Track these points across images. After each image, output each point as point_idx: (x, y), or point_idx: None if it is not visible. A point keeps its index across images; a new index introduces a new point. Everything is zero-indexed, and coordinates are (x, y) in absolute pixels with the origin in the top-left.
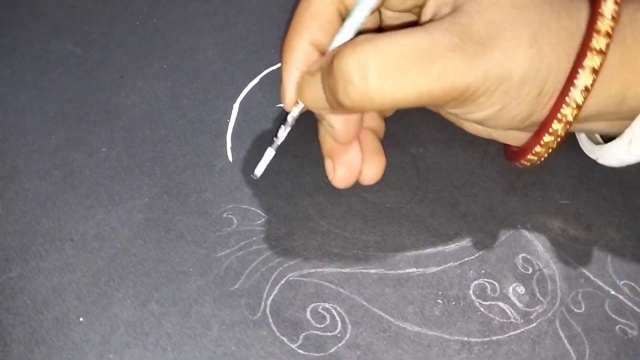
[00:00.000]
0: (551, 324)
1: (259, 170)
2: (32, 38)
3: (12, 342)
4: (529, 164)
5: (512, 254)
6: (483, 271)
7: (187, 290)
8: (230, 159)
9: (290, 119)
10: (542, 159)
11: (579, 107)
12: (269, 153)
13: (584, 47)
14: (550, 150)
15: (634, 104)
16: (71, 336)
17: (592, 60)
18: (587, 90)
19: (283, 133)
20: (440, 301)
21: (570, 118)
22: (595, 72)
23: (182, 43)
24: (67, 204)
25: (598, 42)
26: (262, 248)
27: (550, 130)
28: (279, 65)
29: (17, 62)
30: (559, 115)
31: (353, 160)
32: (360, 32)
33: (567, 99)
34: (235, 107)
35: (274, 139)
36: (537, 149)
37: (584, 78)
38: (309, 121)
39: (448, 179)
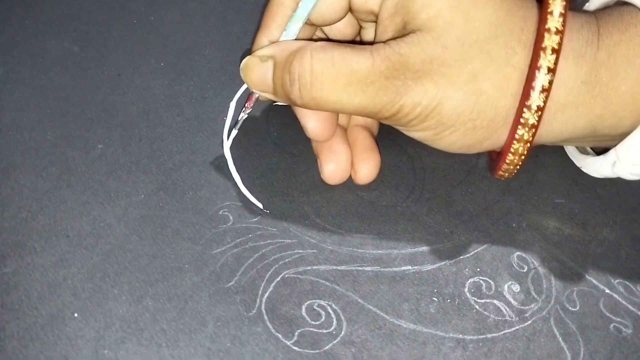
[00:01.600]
0: (546, 322)
1: (227, 146)
2: (30, 36)
3: (6, 338)
4: (503, 178)
5: (508, 253)
6: (478, 269)
7: (183, 286)
8: (227, 156)
9: (246, 107)
10: (515, 171)
11: (534, 127)
12: (232, 134)
13: (527, 84)
14: (520, 164)
15: (608, 132)
16: (65, 332)
17: (537, 99)
18: (539, 110)
19: (242, 117)
20: (436, 299)
21: (527, 137)
22: (539, 109)
23: (179, 41)
24: (63, 200)
25: (540, 77)
26: (257, 245)
27: (512, 150)
28: None
29: (14, 60)
30: (516, 136)
31: (340, 157)
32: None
33: (521, 119)
34: (232, 105)
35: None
36: (505, 167)
37: (529, 116)
38: None
39: (444, 178)
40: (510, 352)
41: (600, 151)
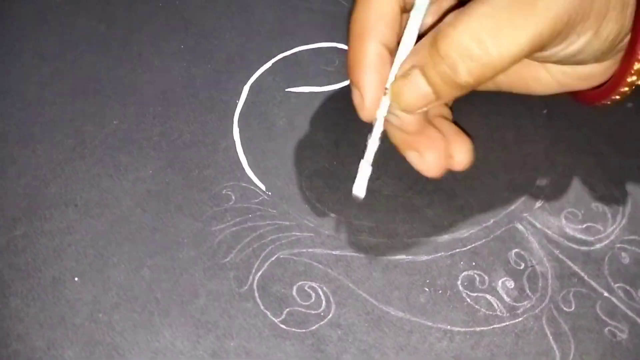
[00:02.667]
0: (537, 320)
1: (358, 188)
2: (60, 13)
3: (10, 295)
4: (620, 96)
5: (506, 249)
6: (474, 263)
7: (179, 259)
8: (235, 138)
9: (377, 127)
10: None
11: None
12: (367, 168)
13: None
14: None
15: None
16: (65, 294)
17: None
18: None
19: (373, 143)
20: (427, 289)
21: None
22: None
23: (200, 25)
24: (75, 171)
25: None
26: (256, 225)
27: None
28: (292, 50)
29: (43, 37)
30: None
31: (436, 142)
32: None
33: None
34: (246, 89)
35: (365, 152)
36: (636, 67)
37: None
38: (314, 106)
39: (449, 172)
40: (497, 346)
41: None
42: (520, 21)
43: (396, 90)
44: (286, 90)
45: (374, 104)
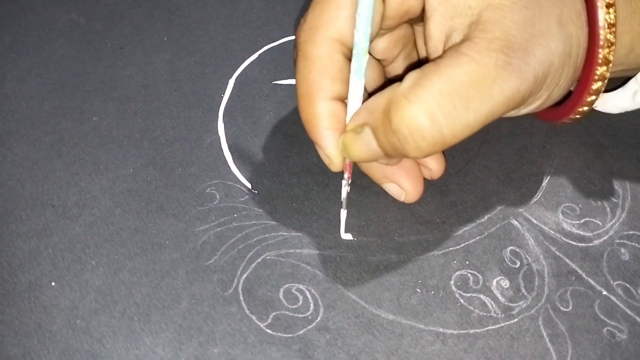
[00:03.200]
0: (533, 321)
1: (343, 232)
2: (39, 6)
3: None
4: (580, 115)
5: (500, 247)
6: (467, 262)
7: (161, 262)
8: (220, 134)
9: (347, 175)
10: (592, 106)
11: (611, 44)
12: (343, 214)
13: (592, 8)
14: (602, 91)
15: None
16: (42, 300)
17: (605, 17)
18: (612, 26)
19: (345, 191)
20: (419, 290)
21: (610, 57)
22: (611, 25)
23: (184, 17)
24: (52, 170)
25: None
26: (241, 225)
27: (596, 76)
28: (279, 41)
29: (20, 30)
30: (599, 60)
31: (411, 170)
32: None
33: (600, 41)
34: (231, 82)
35: (342, 199)
36: (589, 97)
37: (603, 14)
38: None
39: (445, 166)
40: (491, 349)
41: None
42: (475, 104)
43: (347, 144)
44: (273, 82)
45: (340, 159)
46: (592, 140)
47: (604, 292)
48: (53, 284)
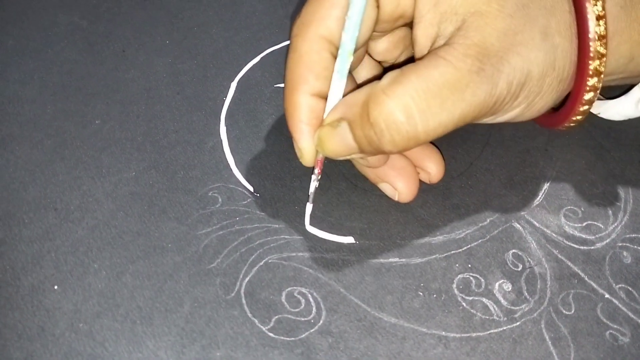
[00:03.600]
0: (536, 324)
1: (306, 223)
2: (41, 9)
3: None
4: (574, 124)
5: (503, 250)
6: (469, 265)
7: (163, 265)
8: (222, 137)
9: (317, 170)
10: (587, 114)
11: (602, 55)
12: (308, 208)
13: (582, 20)
14: (594, 101)
15: None
16: (44, 303)
17: (596, 29)
18: (602, 37)
19: (313, 186)
20: (421, 293)
21: (601, 69)
22: (602, 37)
23: (186, 20)
24: (55, 173)
25: (590, 9)
26: (244, 229)
27: (587, 87)
28: (281, 44)
29: (23, 33)
30: (589, 71)
31: (405, 170)
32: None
33: (590, 53)
34: (233, 85)
35: (309, 193)
36: (581, 107)
37: (594, 27)
38: None
39: (444, 169)
40: (494, 353)
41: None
42: (449, 104)
43: (322, 138)
44: (275, 85)
45: (311, 153)
46: (594, 143)
47: (607, 295)
48: (56, 287)
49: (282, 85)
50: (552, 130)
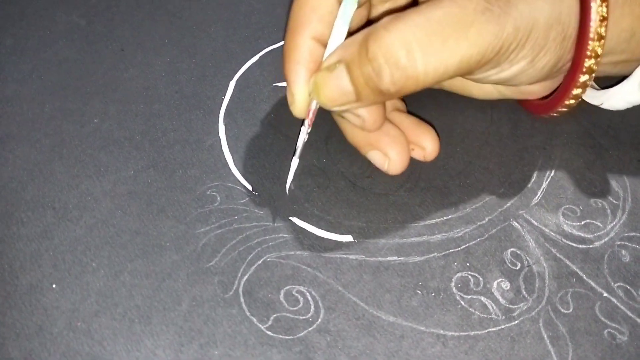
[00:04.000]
0: (534, 323)
1: (288, 182)
2: (40, 8)
3: None
4: (567, 109)
5: (501, 248)
6: (468, 264)
7: (161, 264)
8: (221, 136)
9: (308, 121)
10: (579, 100)
11: (602, 38)
12: (294, 163)
13: None
14: (585, 91)
15: None
16: (43, 302)
17: None
18: (604, 19)
19: (302, 139)
20: (419, 291)
21: (599, 51)
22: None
23: (185, 19)
24: (53, 172)
25: None
26: (242, 227)
27: (584, 69)
28: (280, 43)
29: (21, 32)
30: (587, 52)
31: (397, 139)
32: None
33: (590, 34)
34: (232, 84)
35: (296, 147)
36: (575, 91)
37: (598, 9)
38: None
39: (443, 168)
40: (492, 351)
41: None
42: (451, 42)
43: (319, 82)
44: (274, 85)
45: (303, 100)
46: (593, 142)
47: (605, 294)
48: (54, 286)
49: (280, 84)
50: (552, 126)
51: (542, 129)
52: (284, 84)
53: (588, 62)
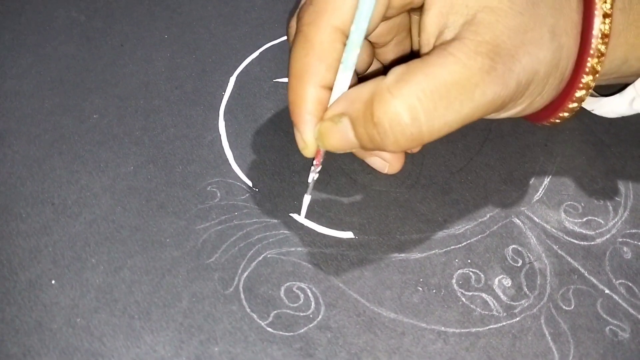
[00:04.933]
0: (536, 320)
1: (303, 214)
2: (38, 3)
3: None
4: (560, 120)
5: (502, 245)
6: (469, 260)
7: (161, 260)
8: (221, 132)
9: (315, 165)
10: (576, 111)
11: (602, 54)
12: (306, 199)
13: (589, 15)
14: (580, 105)
15: (636, 65)
16: (42, 298)
17: (601, 27)
18: (605, 36)
19: (312, 177)
20: (420, 288)
21: (598, 68)
22: (605, 36)
23: (185, 14)
24: (52, 168)
25: (599, 5)
26: (242, 223)
27: (581, 84)
28: (280, 39)
29: (20, 27)
30: (586, 69)
31: None
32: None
33: (590, 50)
34: (232, 80)
35: (308, 183)
36: (570, 104)
37: (600, 25)
38: None
39: (444, 165)
40: (493, 348)
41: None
42: (456, 105)
43: (323, 132)
44: (274, 80)
45: (314, 145)
46: (595, 139)
47: (607, 291)
48: (53, 282)
49: (280, 79)
50: (541, 125)
51: (544, 125)
52: (284, 79)
53: (586, 79)
